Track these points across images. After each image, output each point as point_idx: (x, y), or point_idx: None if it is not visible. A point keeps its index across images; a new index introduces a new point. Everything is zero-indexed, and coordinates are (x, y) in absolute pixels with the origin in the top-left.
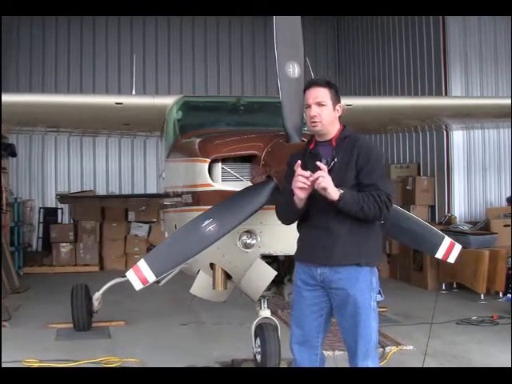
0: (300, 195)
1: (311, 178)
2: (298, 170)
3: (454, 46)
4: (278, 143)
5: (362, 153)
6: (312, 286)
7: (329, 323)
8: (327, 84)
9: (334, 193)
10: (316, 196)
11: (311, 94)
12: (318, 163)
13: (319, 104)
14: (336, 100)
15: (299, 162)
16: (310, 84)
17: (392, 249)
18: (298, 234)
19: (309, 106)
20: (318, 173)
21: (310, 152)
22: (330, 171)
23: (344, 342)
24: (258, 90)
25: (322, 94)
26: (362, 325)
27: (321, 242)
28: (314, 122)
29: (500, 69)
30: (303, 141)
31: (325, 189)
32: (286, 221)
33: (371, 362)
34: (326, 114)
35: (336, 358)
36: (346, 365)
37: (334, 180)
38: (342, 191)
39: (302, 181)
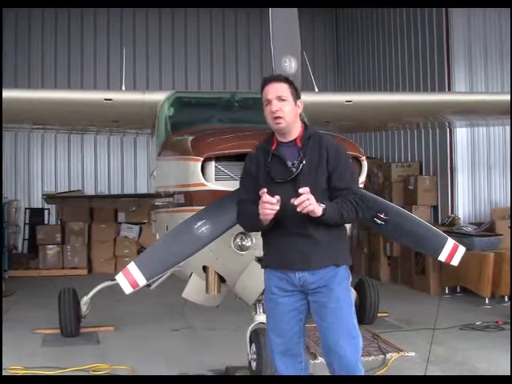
0: (269, 218)
1: (296, 202)
2: (265, 197)
3: (457, 39)
4: None
5: (330, 154)
6: (290, 291)
7: (305, 328)
8: (286, 79)
9: (318, 210)
10: (287, 203)
11: (270, 89)
12: (300, 190)
13: (280, 98)
14: (296, 96)
15: (265, 189)
16: (267, 80)
17: (393, 251)
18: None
19: (269, 102)
20: (303, 196)
21: (273, 154)
22: (298, 175)
23: (322, 347)
24: (253, 86)
25: (281, 88)
26: (345, 319)
27: (297, 248)
28: (277, 118)
29: (505, 63)
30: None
31: (312, 211)
32: (250, 231)
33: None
34: (288, 109)
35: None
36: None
37: (304, 184)
38: (324, 205)
39: (270, 208)
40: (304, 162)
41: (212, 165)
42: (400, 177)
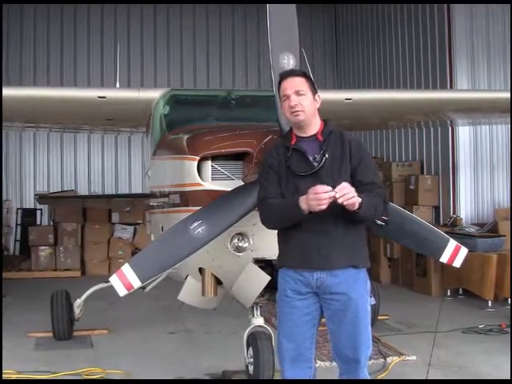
0: (322, 208)
1: (331, 194)
2: (319, 188)
3: (459, 35)
4: (271, 140)
5: (353, 149)
6: (304, 294)
7: (317, 333)
8: (303, 73)
9: (357, 203)
10: None
11: (288, 84)
12: (342, 185)
13: (298, 93)
14: (314, 90)
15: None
16: (284, 75)
17: (394, 252)
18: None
19: (287, 97)
20: (346, 189)
21: (293, 148)
22: (320, 169)
23: (337, 353)
24: (250, 83)
25: (299, 82)
26: (363, 330)
27: (316, 246)
28: (296, 111)
29: (509, 60)
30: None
31: (352, 203)
32: (278, 226)
33: (367, 370)
34: (307, 103)
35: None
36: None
37: (326, 178)
38: (360, 198)
39: (325, 197)
40: (327, 155)
41: (208, 164)
42: (401, 176)
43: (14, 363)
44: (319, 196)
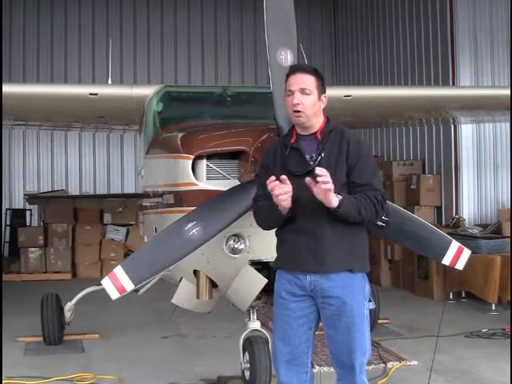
0: (285, 205)
1: (285, 189)
2: (272, 185)
3: (462, 30)
4: (268, 138)
5: (351, 148)
6: (299, 296)
7: (314, 337)
8: (314, 71)
9: (334, 199)
10: (302, 198)
11: (295, 79)
12: (317, 170)
13: (303, 91)
14: (322, 90)
15: (273, 177)
16: (294, 69)
17: (394, 254)
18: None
19: (291, 93)
20: (323, 178)
21: (292, 147)
22: (316, 168)
23: (333, 357)
24: (246, 79)
25: (307, 80)
26: (358, 336)
27: (311, 248)
28: (297, 112)
29: None
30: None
31: (326, 194)
32: (269, 228)
33: (364, 377)
34: (309, 103)
35: (322, 375)
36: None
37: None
38: (341, 197)
39: (282, 192)
40: (323, 154)
41: (203, 163)
42: (402, 176)
43: (3, 368)
44: (274, 193)
